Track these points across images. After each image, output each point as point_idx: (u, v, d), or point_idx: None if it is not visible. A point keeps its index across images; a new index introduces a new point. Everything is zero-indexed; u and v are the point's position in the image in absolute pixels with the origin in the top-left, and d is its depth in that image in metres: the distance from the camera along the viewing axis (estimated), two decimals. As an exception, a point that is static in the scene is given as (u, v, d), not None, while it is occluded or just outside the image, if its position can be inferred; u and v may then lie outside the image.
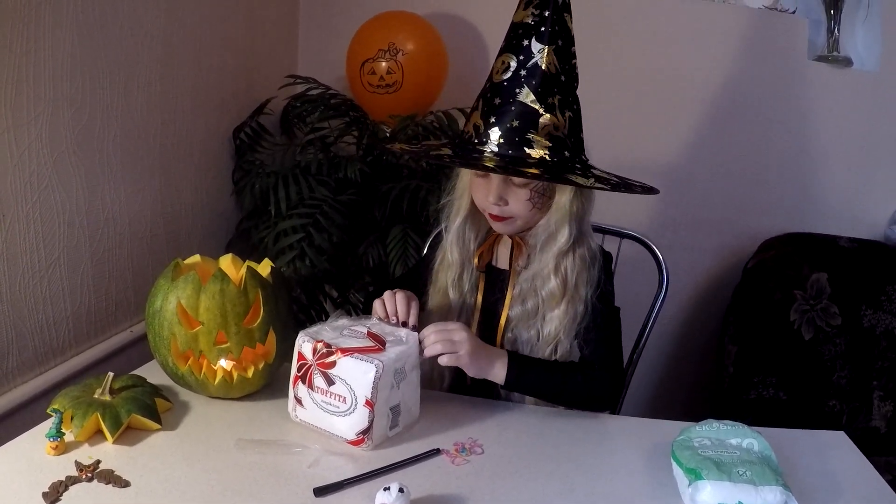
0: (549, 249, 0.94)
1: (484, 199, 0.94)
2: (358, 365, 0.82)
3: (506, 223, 0.95)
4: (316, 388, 0.85)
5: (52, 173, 1.05)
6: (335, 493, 0.75)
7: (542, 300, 0.95)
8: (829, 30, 1.64)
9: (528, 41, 0.87)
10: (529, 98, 0.86)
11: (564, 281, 0.94)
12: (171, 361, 0.90)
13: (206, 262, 0.97)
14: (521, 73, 0.87)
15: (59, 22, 1.03)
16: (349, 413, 0.83)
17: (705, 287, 1.80)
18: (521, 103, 0.86)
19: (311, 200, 1.37)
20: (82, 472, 0.76)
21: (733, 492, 0.73)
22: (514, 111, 0.87)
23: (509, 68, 0.88)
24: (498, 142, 0.87)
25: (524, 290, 0.97)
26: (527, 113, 0.86)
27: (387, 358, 0.83)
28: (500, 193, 0.91)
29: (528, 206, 0.92)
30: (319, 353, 0.84)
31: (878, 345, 1.55)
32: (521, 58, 0.87)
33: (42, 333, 1.07)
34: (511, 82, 0.87)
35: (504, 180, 0.91)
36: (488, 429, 0.90)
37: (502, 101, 0.88)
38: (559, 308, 0.94)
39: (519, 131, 0.86)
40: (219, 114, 1.50)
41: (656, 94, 1.70)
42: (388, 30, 1.54)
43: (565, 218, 0.92)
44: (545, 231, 0.94)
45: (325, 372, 0.84)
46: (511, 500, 0.77)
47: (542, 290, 0.95)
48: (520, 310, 0.97)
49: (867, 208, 1.70)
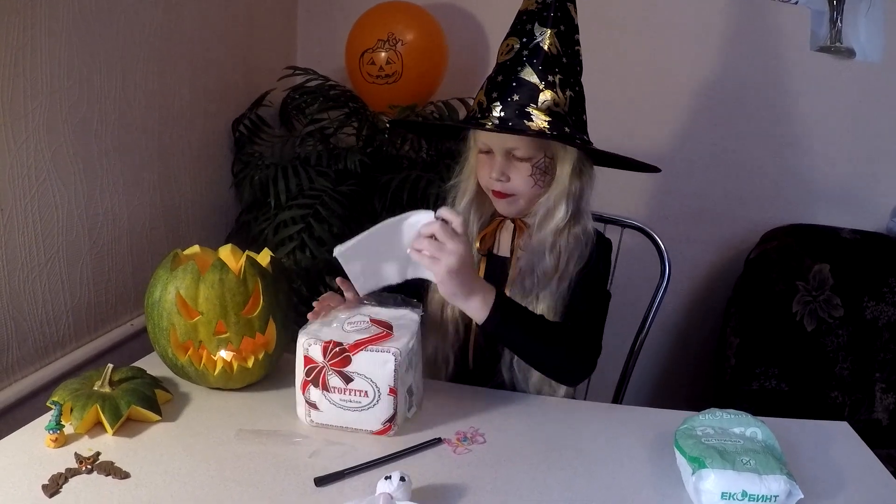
0: (546, 226, 0.96)
1: (487, 177, 0.96)
2: (375, 357, 0.82)
3: (508, 201, 0.97)
4: (332, 389, 0.83)
5: (50, 167, 1.05)
6: (336, 483, 0.75)
7: (537, 278, 0.96)
8: (832, 20, 1.62)
9: (531, 25, 0.91)
10: (530, 76, 0.89)
11: (558, 258, 0.95)
12: (171, 352, 0.90)
13: (206, 252, 0.97)
14: (523, 53, 0.91)
15: (56, 14, 1.02)
16: (373, 406, 0.83)
17: (707, 278, 1.79)
18: (522, 79, 0.90)
19: (311, 191, 1.36)
20: (82, 464, 0.75)
21: (737, 480, 0.72)
22: (514, 87, 0.90)
23: (513, 49, 0.92)
24: (500, 115, 0.90)
25: (522, 270, 0.97)
26: (527, 88, 0.90)
27: (401, 343, 0.83)
28: (503, 169, 0.94)
29: (529, 182, 0.95)
30: (332, 354, 0.82)
31: (881, 337, 1.55)
32: (524, 40, 0.91)
33: (42, 327, 1.07)
34: (513, 61, 0.91)
35: (506, 156, 0.94)
36: (490, 418, 0.90)
37: (504, 79, 0.92)
38: (551, 286, 0.95)
39: (519, 105, 0.90)
40: (217, 106, 1.49)
41: (656, 85, 1.69)
42: (388, 20, 1.53)
43: (563, 194, 0.95)
44: (544, 207, 0.96)
45: (340, 371, 0.82)
46: (513, 488, 0.77)
47: (537, 268, 0.96)
48: (518, 290, 0.97)
49: (869, 200, 1.69)
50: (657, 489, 0.78)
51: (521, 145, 0.93)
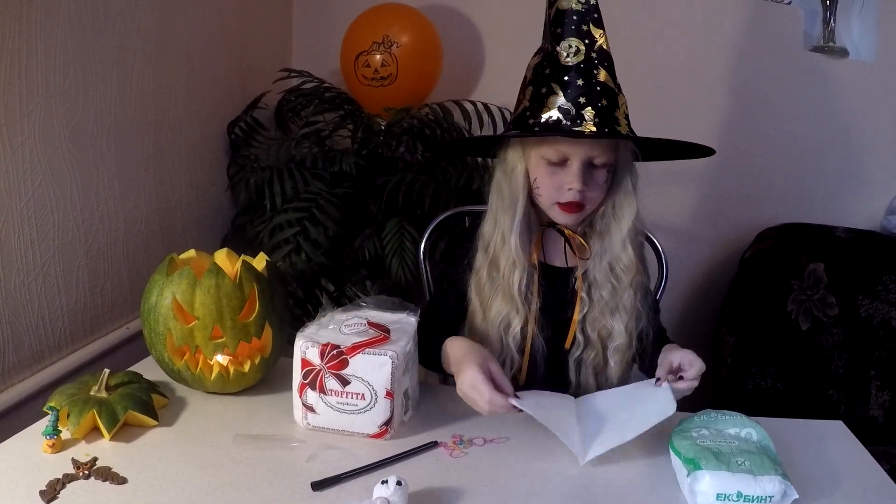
0: (619, 228, 0.95)
1: (558, 190, 0.92)
2: (372, 360, 0.82)
3: (579, 213, 0.94)
4: (329, 392, 0.83)
5: (46, 170, 1.04)
6: (333, 487, 0.75)
7: (616, 280, 0.96)
8: (825, 20, 1.63)
9: (586, 26, 0.90)
10: (608, 80, 0.89)
11: (634, 253, 0.96)
12: (167, 357, 0.90)
13: (202, 256, 0.97)
14: (592, 56, 0.89)
15: (52, 17, 1.02)
16: (369, 409, 0.83)
17: (703, 278, 1.80)
18: (602, 83, 0.89)
19: (307, 194, 1.36)
20: (79, 469, 0.75)
21: (732, 481, 0.73)
22: (599, 91, 0.89)
23: (580, 51, 0.89)
24: (594, 121, 0.88)
25: (599, 279, 0.97)
26: (610, 92, 0.89)
27: (398, 346, 0.83)
28: (585, 178, 0.91)
29: (604, 188, 0.94)
30: (329, 356, 0.82)
31: (876, 334, 1.56)
32: (586, 41, 0.89)
33: (38, 331, 1.06)
34: (588, 63, 0.89)
35: (585, 165, 0.91)
36: (486, 421, 0.90)
37: (585, 82, 0.89)
38: (636, 280, 0.96)
39: (609, 110, 0.89)
40: (213, 109, 1.49)
41: (650, 85, 1.69)
42: (383, 22, 1.53)
43: (629, 194, 0.95)
44: (611, 210, 0.96)
45: (337, 374, 0.82)
46: (509, 492, 0.77)
47: (617, 267, 0.95)
48: (601, 297, 0.97)
49: (863, 198, 1.70)
50: (654, 490, 0.79)
51: (602, 152, 0.91)
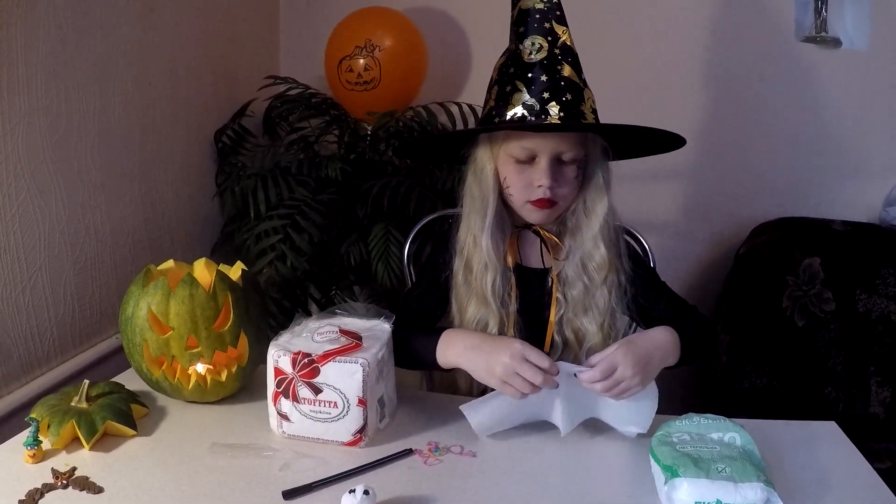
0: (590, 225, 0.95)
1: (528, 188, 0.91)
2: (343, 368, 0.82)
3: (550, 210, 0.93)
4: (302, 400, 0.83)
5: (31, 184, 1.06)
6: (304, 496, 0.75)
7: (589, 279, 0.95)
8: (817, 10, 1.60)
9: (548, 24, 0.90)
10: (572, 75, 0.89)
11: (608, 249, 0.95)
12: (145, 367, 0.91)
13: (180, 266, 0.98)
14: (555, 52, 0.89)
15: (33, 30, 1.03)
16: (342, 416, 0.83)
17: (697, 275, 1.78)
18: (567, 78, 0.89)
19: (290, 201, 1.36)
20: (58, 479, 0.76)
21: (711, 489, 0.71)
22: (563, 86, 0.88)
23: (543, 48, 0.89)
24: (559, 115, 0.88)
25: (570, 277, 0.96)
26: (574, 87, 0.89)
27: (370, 354, 0.83)
28: (555, 175, 0.90)
29: (575, 184, 0.93)
30: (300, 365, 0.82)
31: (875, 329, 1.53)
32: (549, 38, 0.90)
33: (26, 343, 1.08)
34: (551, 60, 0.89)
35: (553, 162, 0.90)
36: (464, 428, 0.89)
37: (549, 78, 0.88)
38: (609, 278, 0.95)
39: (574, 104, 0.88)
40: (199, 117, 1.50)
41: (640, 80, 1.67)
42: (365, 27, 1.53)
43: (601, 189, 0.94)
44: (582, 206, 0.95)
45: (309, 382, 0.83)
46: (482, 499, 0.77)
47: (589, 264, 0.95)
48: (573, 297, 0.96)
49: (860, 190, 1.67)
50: (632, 498, 0.77)
51: (570, 147, 0.90)
